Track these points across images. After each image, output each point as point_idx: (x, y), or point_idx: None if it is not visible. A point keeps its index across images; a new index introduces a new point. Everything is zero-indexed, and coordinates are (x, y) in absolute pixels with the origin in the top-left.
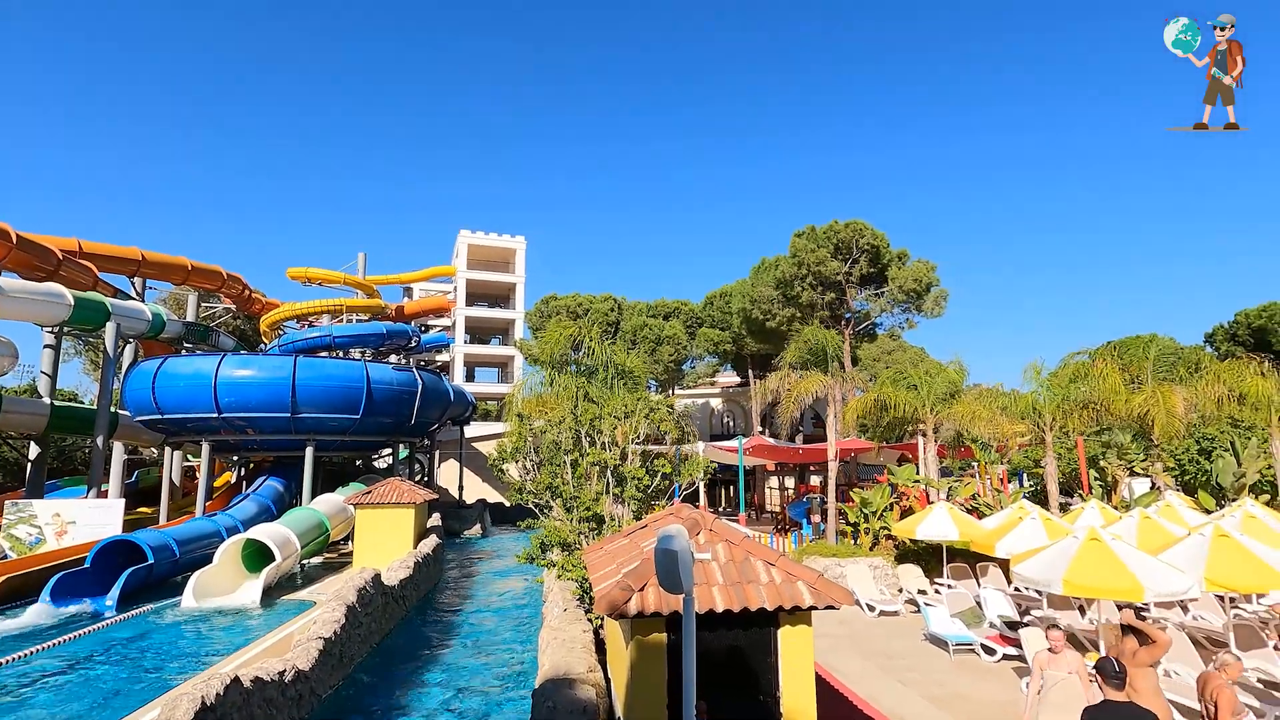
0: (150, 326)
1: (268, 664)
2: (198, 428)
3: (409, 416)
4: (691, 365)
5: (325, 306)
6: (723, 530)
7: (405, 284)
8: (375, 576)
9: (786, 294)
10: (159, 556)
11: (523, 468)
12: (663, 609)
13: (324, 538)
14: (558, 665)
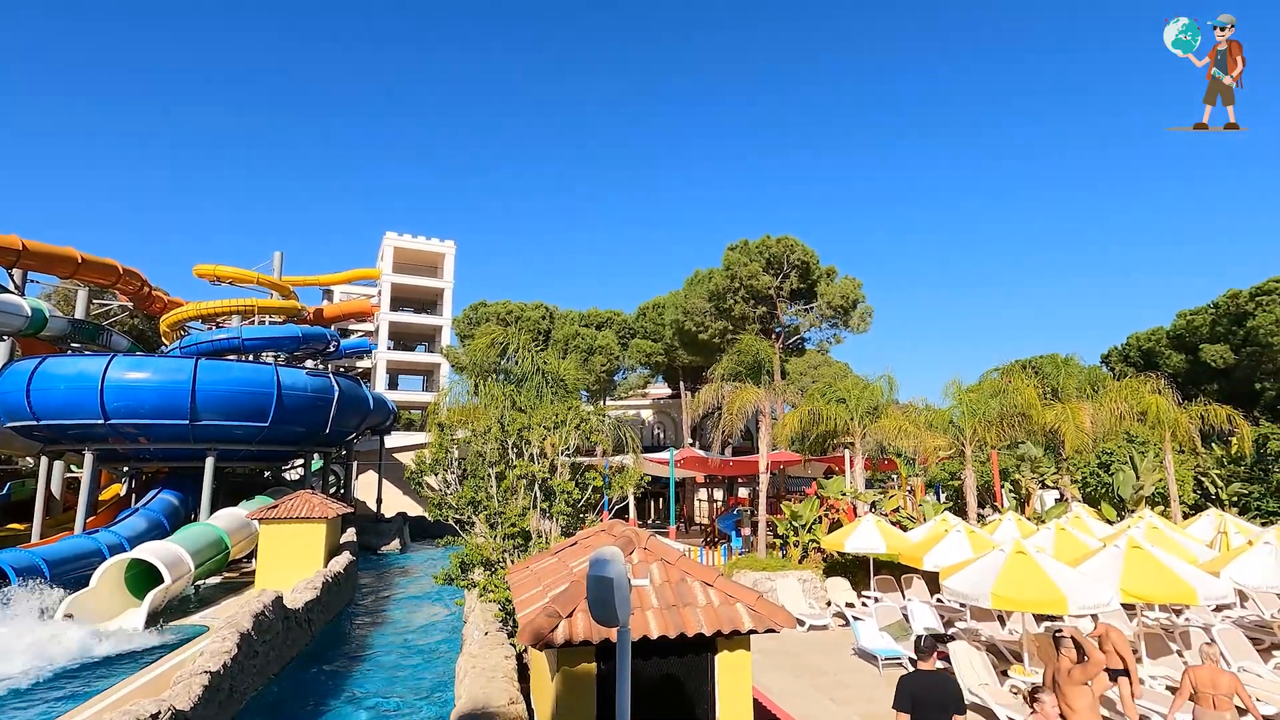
0: (29, 322)
1: (139, 706)
2: (80, 435)
3: (324, 425)
4: (623, 376)
5: (235, 307)
6: (657, 549)
7: (325, 286)
8: (276, 599)
9: (719, 306)
10: (26, 579)
11: (444, 480)
12: (593, 637)
13: (223, 556)
14: (475, 698)
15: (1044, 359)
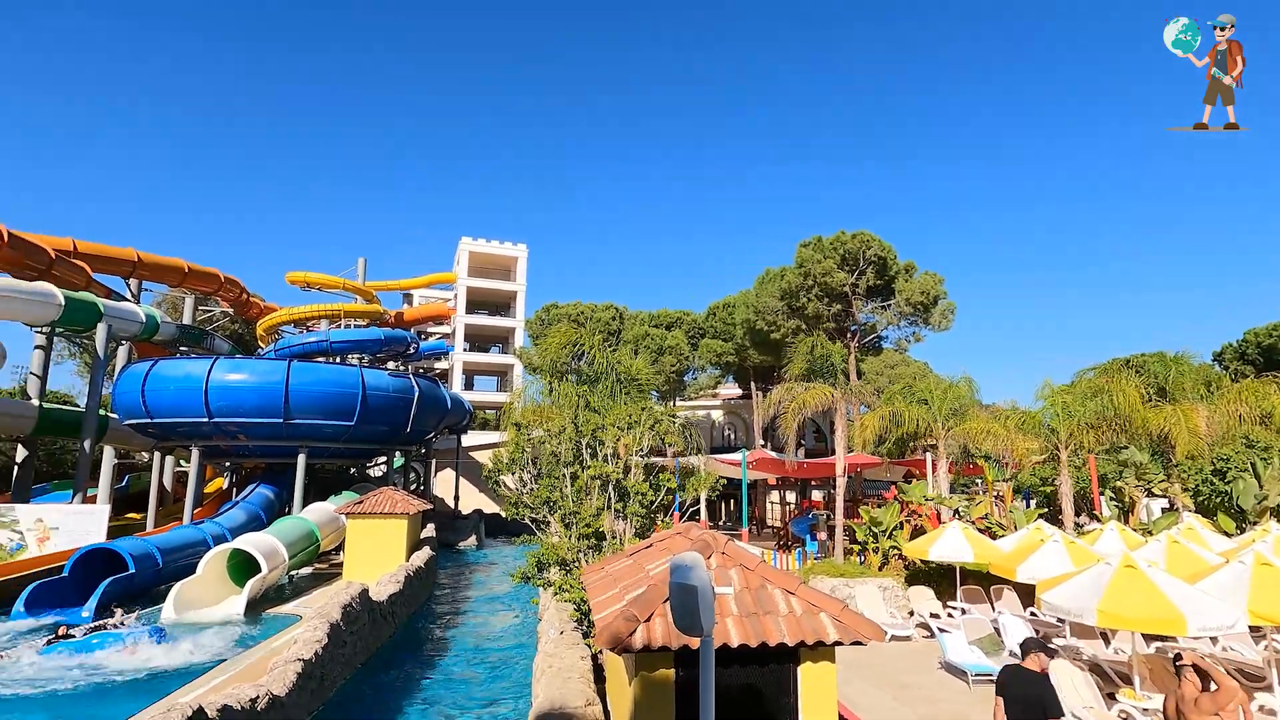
0: (143, 328)
1: (239, 690)
2: (188, 432)
3: (405, 424)
4: (693, 377)
5: (323, 311)
6: (736, 554)
7: (405, 290)
8: (363, 592)
9: (791, 305)
10: (141, 566)
11: (520, 480)
12: (671, 643)
13: (314, 548)
14: (552, 698)
15: (1149, 357)
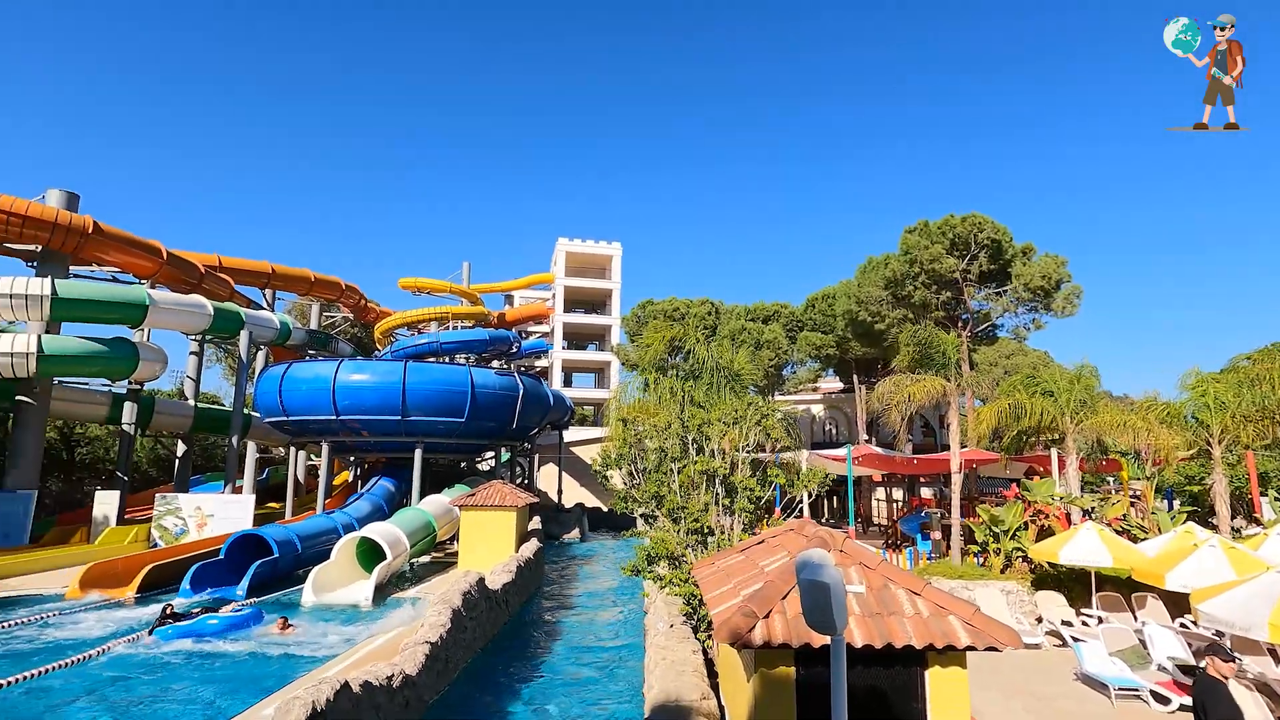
0: (278, 334)
1: (376, 668)
2: (319, 429)
3: (510, 420)
4: (792, 370)
5: (433, 314)
6: (855, 552)
7: (506, 291)
8: (480, 580)
9: (897, 294)
10: (283, 551)
11: (628, 474)
12: (792, 640)
13: (431, 537)
14: (668, 691)
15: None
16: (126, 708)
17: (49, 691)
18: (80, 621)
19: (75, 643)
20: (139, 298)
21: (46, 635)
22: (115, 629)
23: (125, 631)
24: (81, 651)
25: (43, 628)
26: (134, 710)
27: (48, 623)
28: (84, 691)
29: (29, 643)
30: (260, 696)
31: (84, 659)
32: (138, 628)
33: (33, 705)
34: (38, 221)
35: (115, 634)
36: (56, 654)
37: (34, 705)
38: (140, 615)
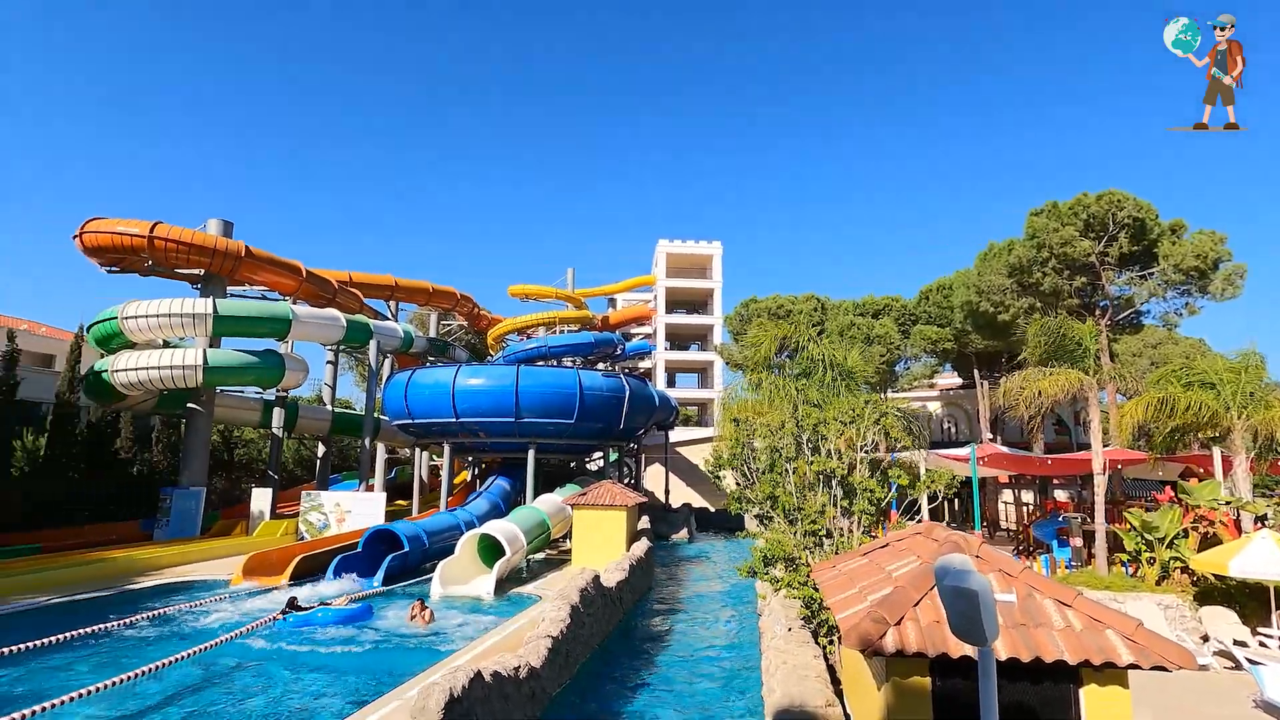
0: (402, 343)
1: (504, 659)
2: (440, 431)
3: (618, 421)
4: (905, 366)
5: (541, 319)
6: (993, 558)
7: (609, 295)
8: (595, 577)
9: (1022, 282)
10: (412, 545)
11: (742, 474)
12: (927, 649)
13: (545, 535)
14: (791, 695)
15: None
16: (274, 685)
17: (211, 666)
18: (244, 604)
19: (234, 624)
20: (285, 313)
21: (219, 616)
22: (267, 611)
23: (270, 614)
24: (232, 630)
25: (207, 611)
26: (281, 686)
27: (203, 610)
28: (235, 668)
29: (195, 621)
30: (394, 681)
31: (233, 637)
32: (276, 613)
33: (193, 673)
34: (201, 249)
35: (257, 616)
36: (217, 635)
37: (194, 673)
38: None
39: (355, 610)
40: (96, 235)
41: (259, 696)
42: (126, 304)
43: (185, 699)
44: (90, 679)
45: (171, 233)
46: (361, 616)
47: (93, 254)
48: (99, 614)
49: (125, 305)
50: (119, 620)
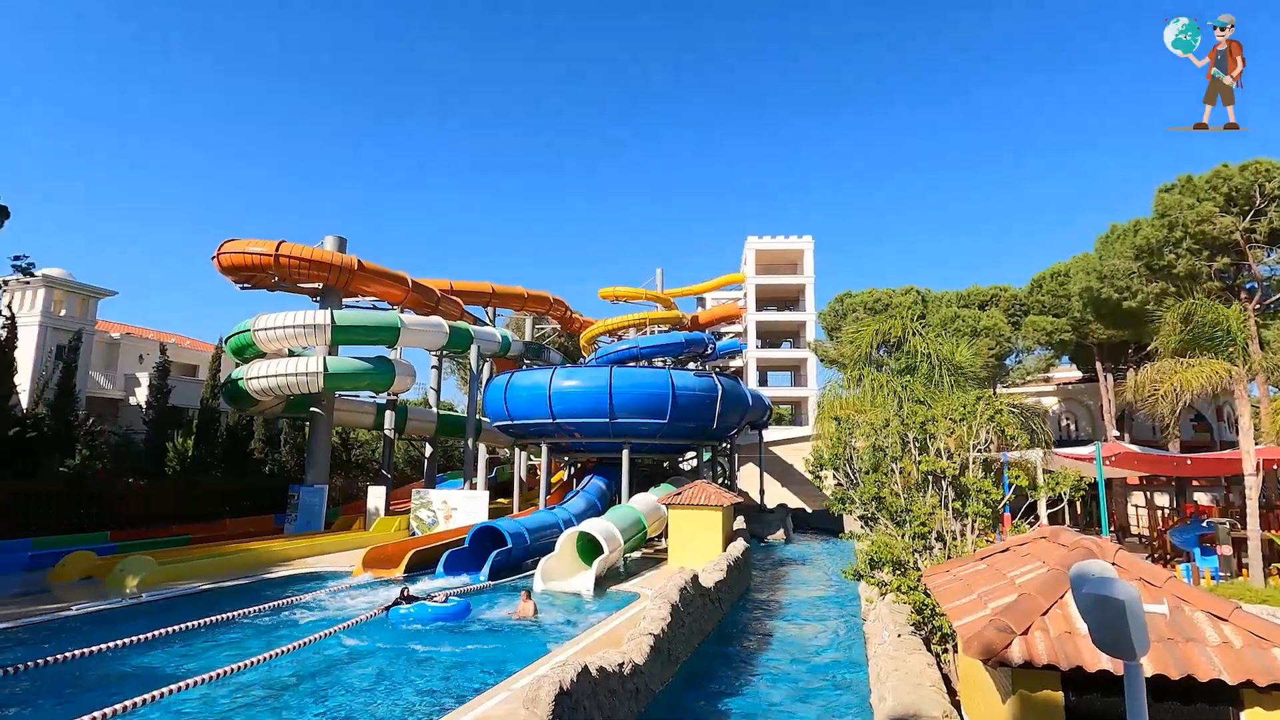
0: (500, 347)
1: (608, 655)
2: (538, 431)
3: (710, 420)
4: (1017, 360)
5: (631, 321)
6: (1133, 565)
7: (698, 294)
8: (694, 577)
9: (1151, 265)
10: (515, 542)
11: (844, 474)
12: (1060, 661)
13: (641, 534)
14: (904, 704)
15: None
16: (384, 674)
17: (327, 653)
18: (366, 595)
19: (349, 614)
20: (394, 321)
21: (340, 605)
22: (382, 602)
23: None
24: (346, 620)
25: (330, 600)
26: (390, 675)
27: (327, 599)
28: (348, 658)
29: (321, 609)
30: (500, 673)
31: (347, 627)
32: (388, 604)
33: (312, 660)
34: (320, 264)
35: (373, 606)
36: (336, 623)
37: (316, 661)
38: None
39: (455, 608)
40: (232, 255)
41: (372, 685)
42: (258, 317)
43: (303, 685)
44: (228, 659)
45: (294, 250)
46: (460, 614)
47: (228, 272)
48: (240, 601)
49: (257, 318)
50: (258, 606)
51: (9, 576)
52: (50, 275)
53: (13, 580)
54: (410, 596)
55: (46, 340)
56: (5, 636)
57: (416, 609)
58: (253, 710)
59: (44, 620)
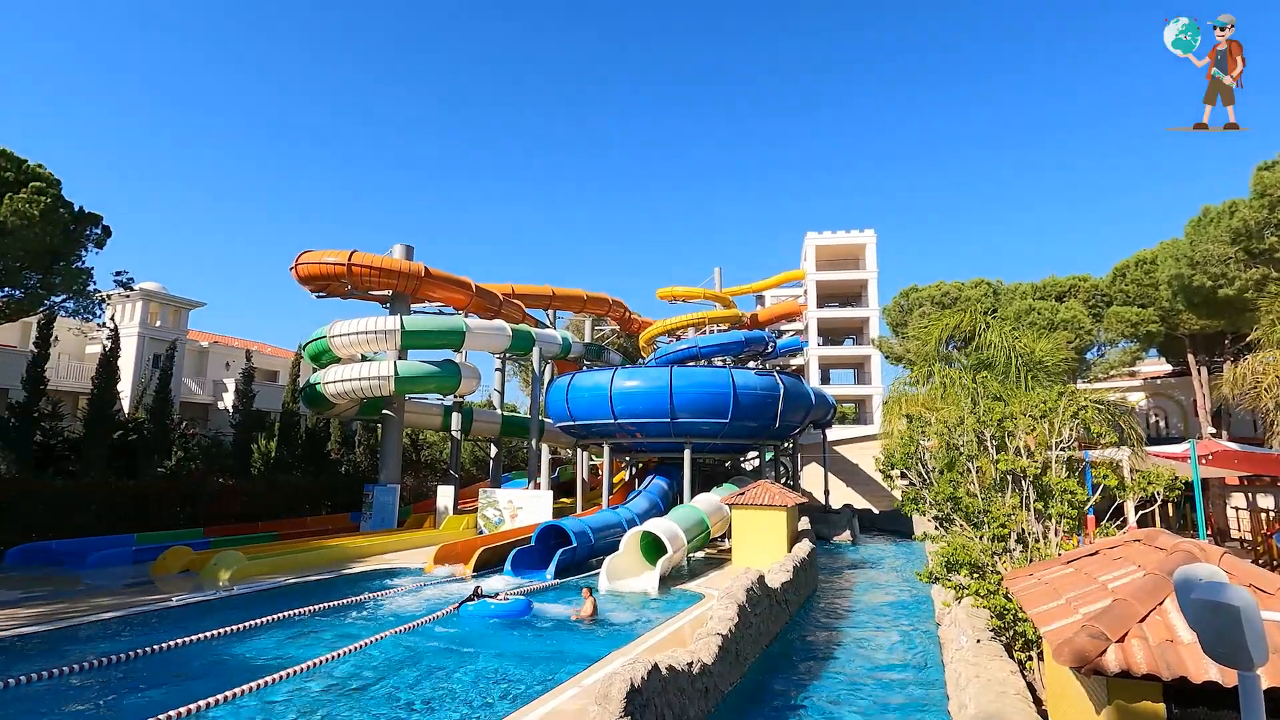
0: (561, 349)
1: (676, 654)
2: (599, 431)
3: (773, 420)
4: (1099, 353)
5: (690, 320)
6: (1242, 570)
7: (757, 292)
8: (760, 578)
9: (1250, 248)
10: (580, 541)
11: (916, 474)
12: (1161, 671)
13: (705, 534)
14: (988, 712)
15: None
16: (455, 669)
17: (402, 648)
18: (438, 589)
19: (417, 612)
20: (460, 326)
21: (413, 600)
22: (456, 597)
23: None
24: (421, 617)
25: (406, 594)
26: (462, 669)
27: (403, 594)
28: (438, 648)
29: (396, 603)
30: (569, 669)
31: (422, 624)
32: (460, 601)
33: (400, 654)
34: (390, 272)
35: (448, 601)
36: (410, 619)
37: (401, 654)
38: (469, 589)
39: (515, 606)
40: (309, 266)
41: (443, 679)
42: (334, 324)
43: (377, 681)
44: (316, 651)
45: (366, 259)
46: (521, 612)
47: (305, 282)
48: (325, 594)
49: (333, 325)
50: (338, 600)
51: (118, 569)
52: (147, 289)
53: (122, 572)
54: (482, 594)
55: (144, 350)
56: (121, 622)
57: (478, 606)
58: (313, 704)
59: (149, 609)
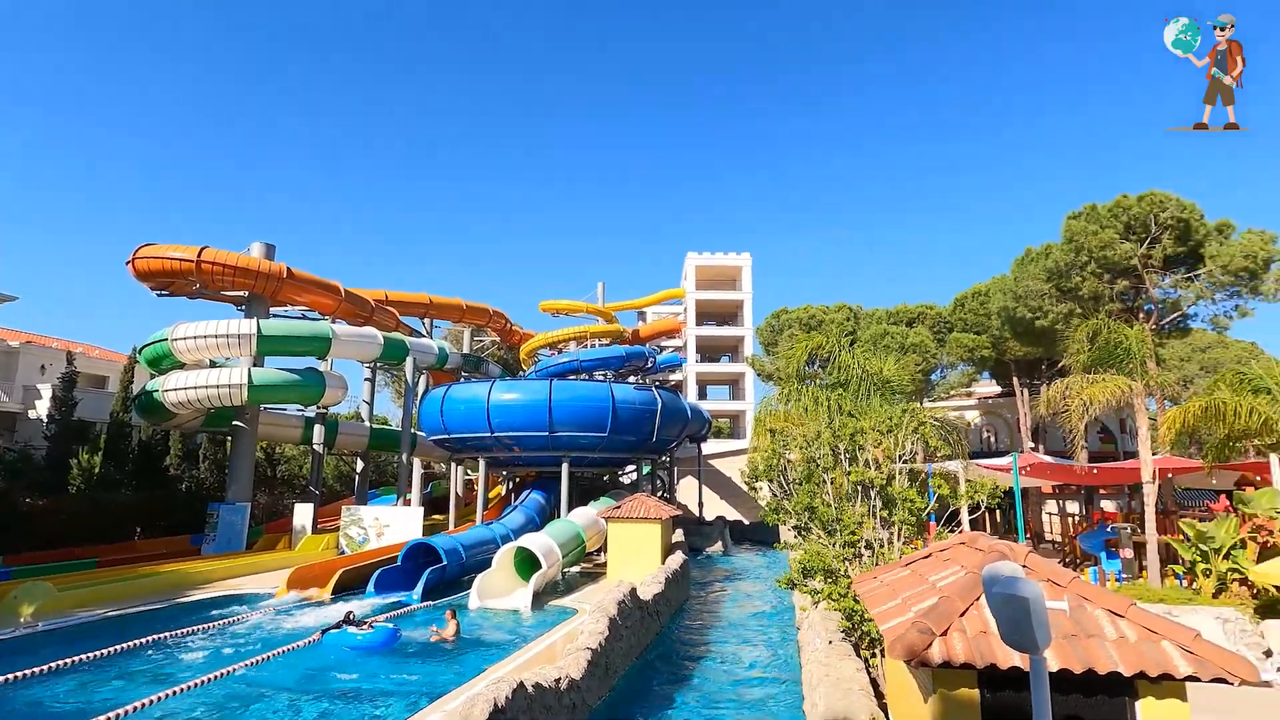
0: (437, 359)
1: (544, 670)
2: (475, 445)
3: (650, 434)
4: (942, 375)
5: (572, 334)
6: (1041, 567)
7: (639, 309)
8: (632, 590)
9: (1061, 286)
10: (450, 559)
11: (777, 485)
12: (975, 660)
13: (581, 548)
14: (835, 709)
15: None
16: (327, 695)
17: (258, 681)
18: (294, 616)
19: (280, 639)
20: (325, 332)
21: (265, 628)
22: (318, 624)
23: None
24: (280, 646)
25: (255, 625)
26: (335, 697)
27: (251, 624)
28: (287, 683)
29: (243, 634)
30: (433, 694)
31: (280, 653)
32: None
33: (246, 692)
34: (246, 271)
35: (314, 629)
36: (261, 651)
37: (248, 692)
38: (329, 614)
39: (381, 636)
40: (148, 261)
41: (301, 712)
42: (176, 326)
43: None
44: (137, 694)
45: (218, 256)
46: (388, 642)
47: (144, 279)
48: (151, 627)
49: (175, 327)
50: (167, 633)
51: None
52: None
53: None
54: (354, 619)
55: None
56: None
57: (338, 636)
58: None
59: None
